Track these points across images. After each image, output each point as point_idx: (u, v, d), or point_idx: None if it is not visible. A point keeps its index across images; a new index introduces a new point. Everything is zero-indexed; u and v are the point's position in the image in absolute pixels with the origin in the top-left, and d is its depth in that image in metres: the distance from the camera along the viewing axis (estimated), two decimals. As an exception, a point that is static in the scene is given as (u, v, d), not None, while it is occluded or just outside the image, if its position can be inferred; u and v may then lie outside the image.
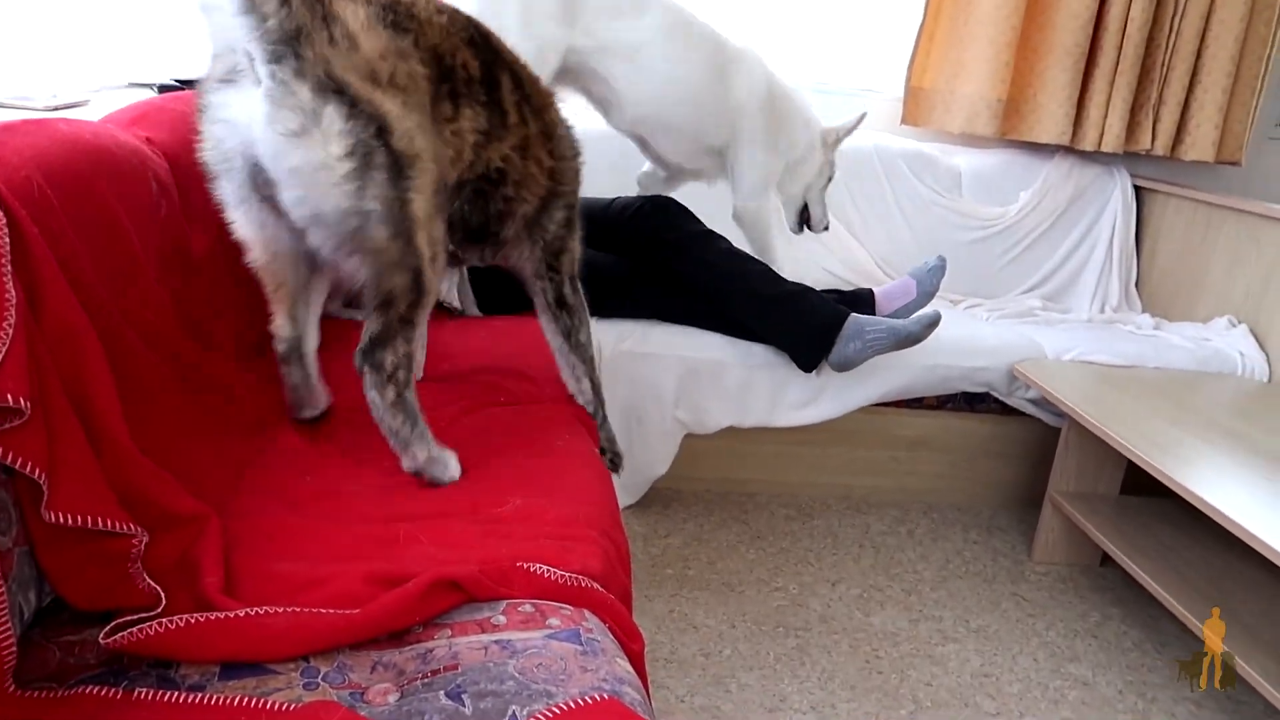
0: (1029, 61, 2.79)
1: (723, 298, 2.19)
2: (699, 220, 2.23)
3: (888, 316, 2.30)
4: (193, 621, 0.87)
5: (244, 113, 1.09)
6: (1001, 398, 2.39)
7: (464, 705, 0.82)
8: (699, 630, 1.85)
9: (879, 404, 2.36)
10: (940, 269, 2.34)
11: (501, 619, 0.96)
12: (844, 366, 2.16)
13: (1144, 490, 2.19)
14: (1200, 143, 2.86)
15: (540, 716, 0.81)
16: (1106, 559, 2.27)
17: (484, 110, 1.27)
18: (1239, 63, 2.81)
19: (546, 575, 1.02)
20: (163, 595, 0.91)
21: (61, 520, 0.85)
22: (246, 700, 0.82)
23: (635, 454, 2.23)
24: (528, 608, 0.98)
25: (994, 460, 2.52)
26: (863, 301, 2.32)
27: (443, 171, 1.21)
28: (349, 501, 1.16)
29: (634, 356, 2.17)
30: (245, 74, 1.08)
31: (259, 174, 1.13)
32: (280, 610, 0.90)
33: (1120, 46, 2.74)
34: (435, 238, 1.21)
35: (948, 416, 2.44)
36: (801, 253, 2.67)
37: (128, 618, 0.88)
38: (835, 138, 2.36)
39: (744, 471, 2.44)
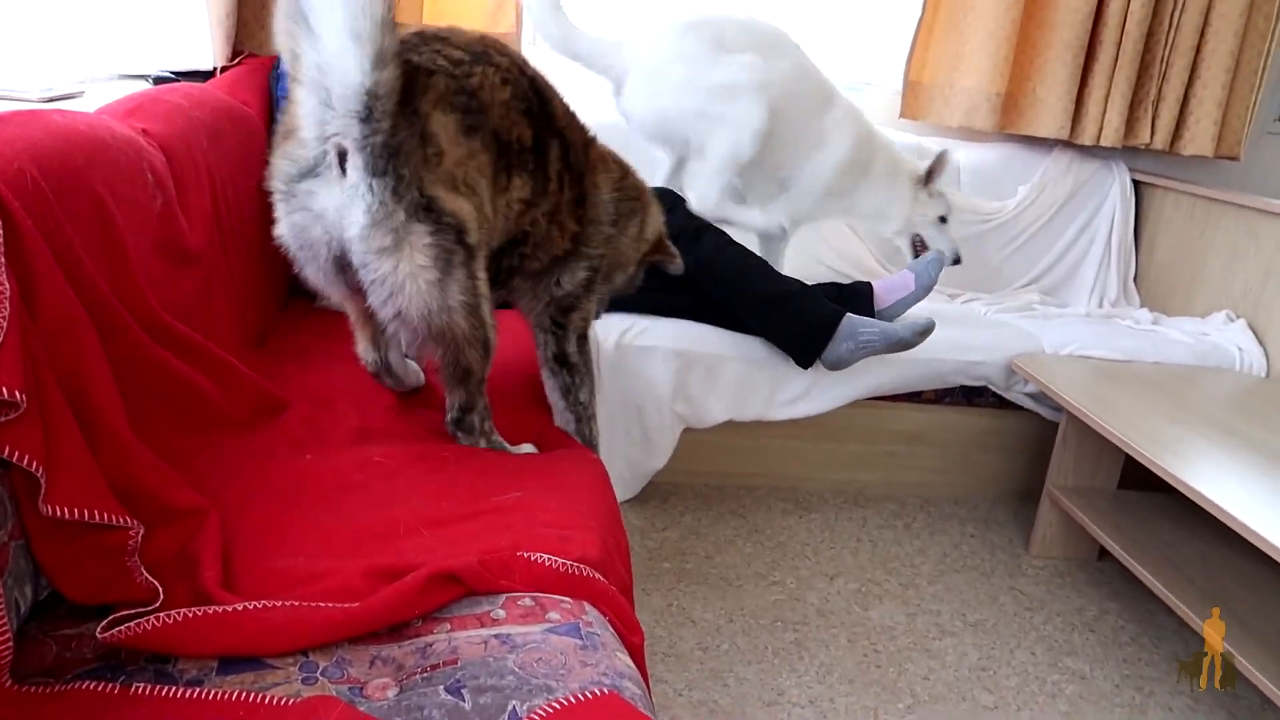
0: (1028, 55, 2.79)
1: (721, 293, 2.19)
2: (697, 215, 2.23)
3: (886, 309, 2.30)
4: (191, 616, 0.87)
5: (331, 208, 1.15)
6: (999, 392, 2.39)
7: (464, 700, 0.82)
8: (697, 624, 1.85)
9: (877, 398, 2.36)
10: (938, 262, 2.34)
11: (501, 613, 0.95)
12: (837, 366, 2.17)
13: (1141, 485, 2.19)
14: (1199, 137, 2.86)
15: (540, 711, 0.80)
16: (1104, 553, 2.27)
17: (530, 178, 1.31)
18: (1238, 58, 2.80)
19: (547, 564, 1.02)
20: (160, 589, 0.90)
21: (59, 514, 0.84)
22: (245, 695, 0.81)
23: (633, 448, 2.23)
24: (527, 601, 0.98)
25: (991, 455, 2.52)
26: (861, 295, 2.32)
27: (495, 240, 1.29)
28: (349, 494, 1.16)
29: (632, 350, 2.17)
30: (331, 168, 1.13)
31: (344, 261, 1.19)
32: (279, 604, 0.89)
33: (1120, 41, 2.74)
34: (490, 296, 1.29)
35: (945, 411, 2.44)
36: (800, 246, 2.66)
37: (125, 612, 0.87)
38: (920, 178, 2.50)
39: (742, 465, 2.44)
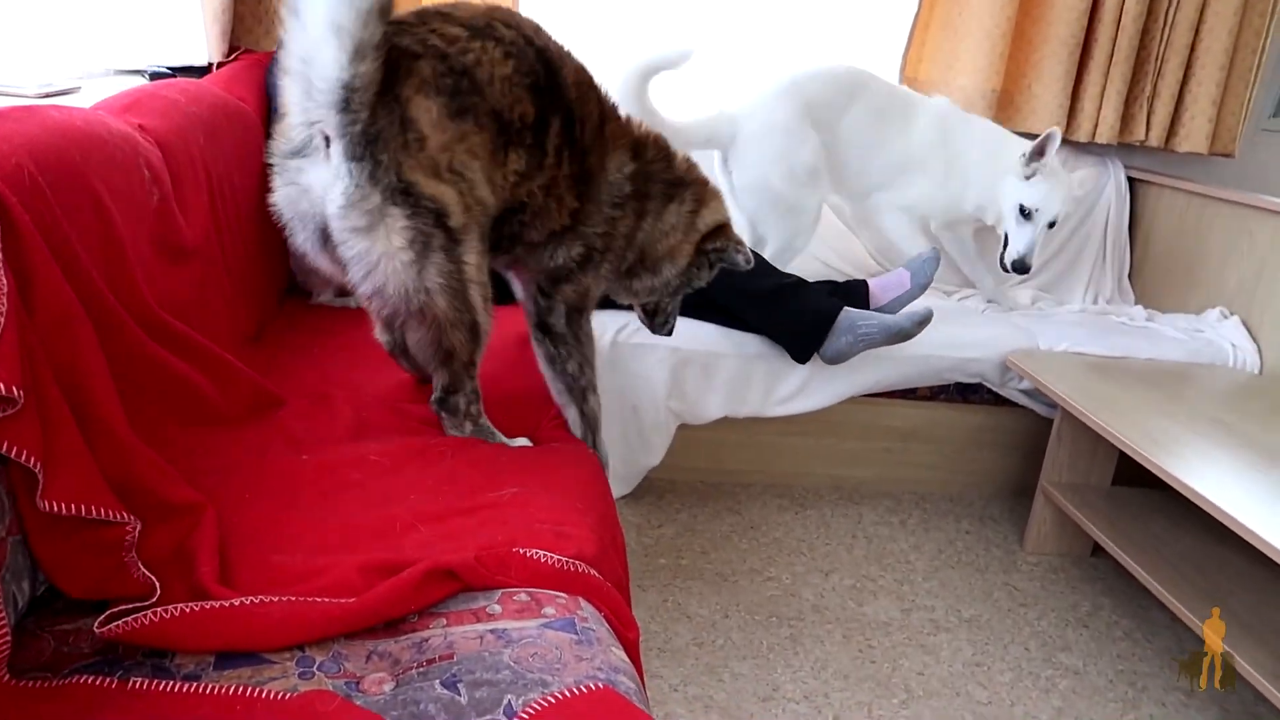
0: (1024, 52, 2.79)
1: (717, 289, 2.19)
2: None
3: (882, 307, 2.30)
4: (188, 611, 0.87)
5: (317, 184, 1.19)
6: (994, 388, 2.40)
7: (459, 694, 0.82)
8: (692, 620, 1.86)
9: (872, 394, 2.36)
10: (934, 260, 2.34)
11: (497, 608, 0.96)
12: (836, 359, 2.17)
13: (1135, 481, 2.19)
14: (1194, 134, 2.87)
15: (535, 705, 0.81)
16: (1098, 549, 2.28)
17: (526, 153, 1.31)
18: (1233, 55, 2.81)
19: (543, 560, 1.02)
20: (157, 585, 0.90)
21: (56, 509, 0.84)
22: (242, 690, 0.82)
23: (629, 444, 2.23)
24: (523, 596, 0.98)
25: (986, 451, 2.52)
26: (857, 292, 2.32)
27: (491, 213, 1.29)
28: (345, 490, 1.16)
29: (628, 347, 2.17)
30: (319, 149, 1.17)
31: (328, 234, 1.22)
32: (276, 599, 0.90)
33: (1115, 38, 2.74)
34: (484, 281, 1.30)
35: (940, 407, 2.45)
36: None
37: (122, 607, 0.88)
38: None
39: (737, 462, 2.44)
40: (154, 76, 1.88)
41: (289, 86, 1.17)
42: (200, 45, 2.02)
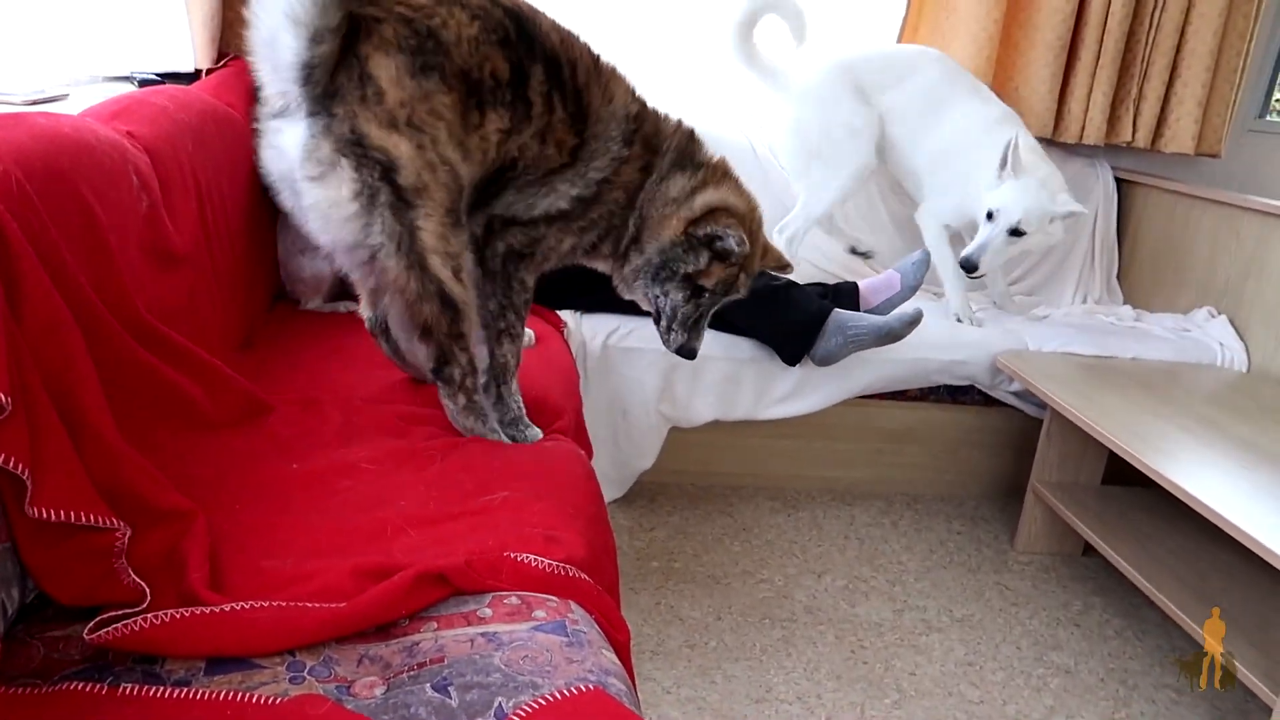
0: (1011, 55, 2.81)
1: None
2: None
3: (872, 310, 2.31)
4: (178, 616, 0.87)
5: (290, 144, 1.24)
6: (985, 389, 2.41)
7: (450, 698, 0.82)
8: (685, 622, 1.86)
9: (863, 396, 2.37)
10: (924, 262, 2.35)
11: (487, 611, 0.96)
12: (826, 361, 2.18)
13: (1125, 480, 2.21)
14: (1180, 135, 2.89)
15: (526, 708, 0.81)
16: (1088, 548, 2.29)
17: (507, 109, 1.31)
18: (1218, 56, 2.83)
19: (533, 564, 1.02)
20: (148, 591, 0.90)
21: (46, 516, 0.84)
22: (232, 695, 0.82)
23: (620, 448, 2.23)
24: (514, 600, 0.98)
25: (977, 451, 2.53)
26: (847, 295, 2.33)
27: (466, 180, 1.30)
28: (336, 495, 1.16)
29: (618, 351, 2.17)
30: (294, 109, 1.23)
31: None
32: (266, 605, 0.90)
33: (1101, 40, 2.76)
34: (453, 252, 1.30)
35: (931, 408, 2.46)
36: (784, 247, 2.67)
37: (113, 613, 0.87)
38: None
39: (729, 464, 2.45)
40: (143, 83, 1.88)
41: (258, 64, 1.24)
42: (188, 52, 2.02)
